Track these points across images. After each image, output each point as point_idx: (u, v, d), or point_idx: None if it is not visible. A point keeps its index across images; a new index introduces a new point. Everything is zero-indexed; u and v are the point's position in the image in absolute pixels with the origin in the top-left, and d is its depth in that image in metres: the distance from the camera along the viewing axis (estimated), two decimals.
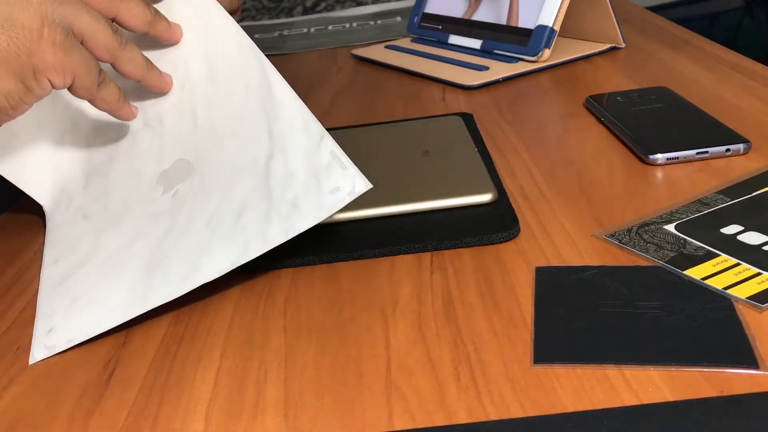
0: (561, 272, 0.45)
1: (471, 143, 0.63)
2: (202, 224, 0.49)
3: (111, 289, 0.47)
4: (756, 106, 0.66)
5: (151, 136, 0.56)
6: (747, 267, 0.42)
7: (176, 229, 0.50)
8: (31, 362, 0.43)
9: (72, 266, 0.50)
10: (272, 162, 0.51)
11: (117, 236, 0.51)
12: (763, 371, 0.35)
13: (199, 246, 0.48)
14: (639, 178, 0.56)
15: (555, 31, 0.85)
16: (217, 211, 0.50)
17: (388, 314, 0.43)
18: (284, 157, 0.50)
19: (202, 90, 0.56)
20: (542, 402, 0.35)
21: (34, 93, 0.47)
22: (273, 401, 0.38)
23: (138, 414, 0.38)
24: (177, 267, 0.47)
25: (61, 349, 0.44)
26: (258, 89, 0.54)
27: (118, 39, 0.50)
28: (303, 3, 2.21)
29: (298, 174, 0.49)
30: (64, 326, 0.45)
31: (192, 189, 0.52)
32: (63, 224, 0.54)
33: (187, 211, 0.51)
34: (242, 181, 0.51)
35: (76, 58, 0.47)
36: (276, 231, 0.47)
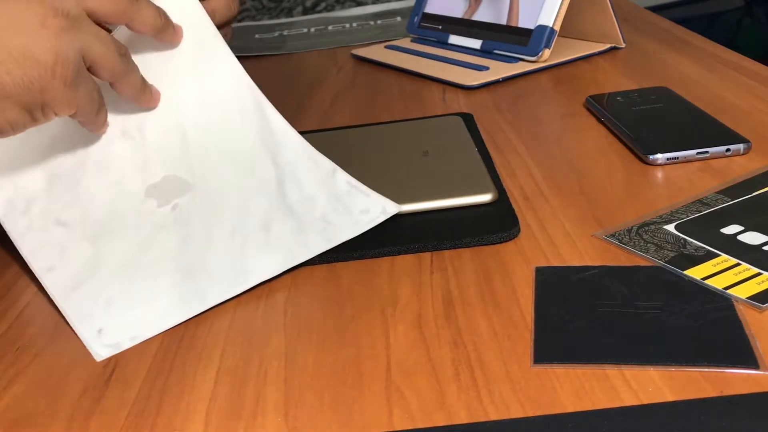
0: (561, 272, 0.45)
1: (471, 143, 0.63)
2: (225, 234, 0.50)
3: (150, 291, 0.48)
4: (756, 106, 0.66)
5: (132, 146, 0.55)
6: (747, 267, 0.42)
7: (194, 238, 0.51)
8: (99, 359, 0.43)
9: (76, 273, 0.49)
10: (285, 186, 0.52)
11: (119, 244, 0.51)
12: (763, 371, 0.35)
13: (236, 252, 0.49)
14: (639, 178, 0.56)
15: (555, 31, 0.85)
16: (239, 223, 0.51)
17: (388, 314, 0.43)
18: (297, 184, 0.53)
19: (191, 110, 0.56)
20: (542, 402, 0.35)
21: (37, 121, 0.47)
22: (273, 401, 0.38)
23: (138, 414, 0.38)
24: (222, 270, 0.48)
25: (126, 347, 0.44)
26: (254, 119, 0.55)
27: (124, 64, 0.51)
28: (303, 3, 2.20)
29: (319, 198, 0.51)
30: (115, 327, 0.45)
31: (194, 204, 0.53)
32: (32, 230, 0.52)
33: (197, 222, 0.52)
34: (256, 201, 0.52)
35: (82, 93, 0.48)
36: (317, 240, 0.49)
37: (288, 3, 2.36)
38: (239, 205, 0.52)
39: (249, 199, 0.53)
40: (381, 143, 0.65)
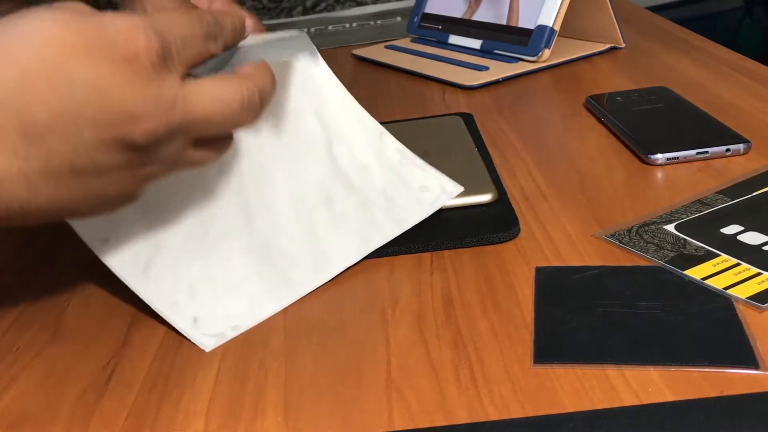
0: (561, 272, 0.45)
1: (471, 143, 0.63)
2: (287, 207, 0.49)
3: (231, 276, 0.46)
4: (756, 106, 0.66)
5: None
6: (747, 267, 0.42)
7: (255, 210, 0.49)
8: (208, 350, 0.43)
9: (139, 249, 0.46)
10: (333, 148, 0.50)
11: (173, 213, 0.48)
12: (763, 371, 0.35)
13: (307, 231, 0.48)
14: (639, 178, 0.56)
15: (555, 31, 0.85)
16: (297, 193, 0.49)
17: (388, 314, 0.43)
18: (346, 147, 0.51)
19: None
20: (542, 402, 0.35)
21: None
22: (273, 401, 0.38)
23: (138, 414, 0.38)
24: (299, 252, 0.48)
25: (231, 337, 0.43)
26: (294, 63, 0.53)
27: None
28: (303, 3, 2.20)
29: (373, 167, 0.49)
30: (210, 316, 0.45)
31: (241, 166, 0.50)
32: None
33: (252, 190, 0.49)
34: (308, 167, 0.50)
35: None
36: (385, 221, 0.48)
37: (288, 3, 2.36)
38: (289, 170, 0.50)
39: (298, 163, 0.50)
40: None
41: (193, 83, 0.39)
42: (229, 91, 0.40)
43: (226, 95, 0.40)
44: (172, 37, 0.38)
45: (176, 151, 0.40)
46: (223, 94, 0.40)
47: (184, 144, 0.40)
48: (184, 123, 0.38)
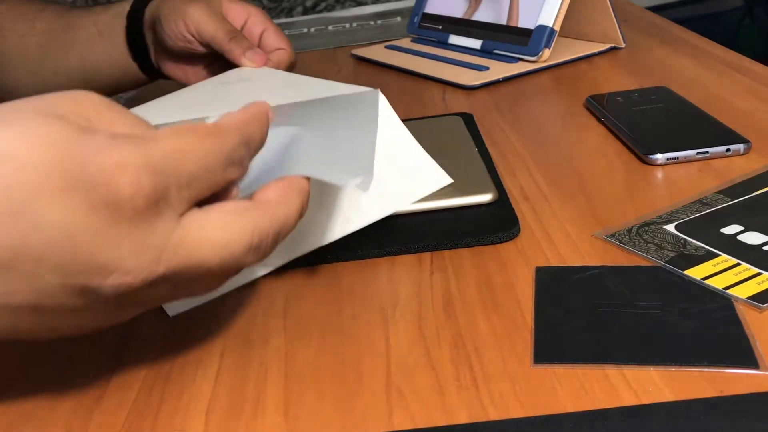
0: (561, 272, 0.45)
1: (471, 143, 0.63)
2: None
3: None
4: (756, 106, 0.66)
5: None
6: (747, 267, 0.42)
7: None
8: (171, 314, 0.41)
9: None
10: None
11: None
12: (763, 371, 0.35)
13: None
14: (639, 178, 0.56)
15: (555, 31, 0.85)
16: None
17: (388, 314, 0.43)
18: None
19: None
20: (542, 402, 0.35)
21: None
22: (273, 401, 0.38)
23: (138, 414, 0.38)
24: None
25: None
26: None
27: None
28: (303, 3, 2.20)
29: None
30: None
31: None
32: None
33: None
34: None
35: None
36: (369, 203, 0.48)
37: (288, 3, 2.36)
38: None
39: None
40: None
41: (193, 222, 0.33)
42: (235, 237, 0.34)
43: (230, 241, 0.34)
44: (175, 175, 0.33)
45: (161, 293, 0.35)
46: (227, 239, 0.34)
47: (168, 290, 0.35)
48: (171, 273, 0.33)
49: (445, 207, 0.53)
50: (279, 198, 0.36)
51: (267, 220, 0.35)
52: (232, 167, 0.35)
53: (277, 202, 0.36)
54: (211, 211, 0.34)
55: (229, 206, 0.35)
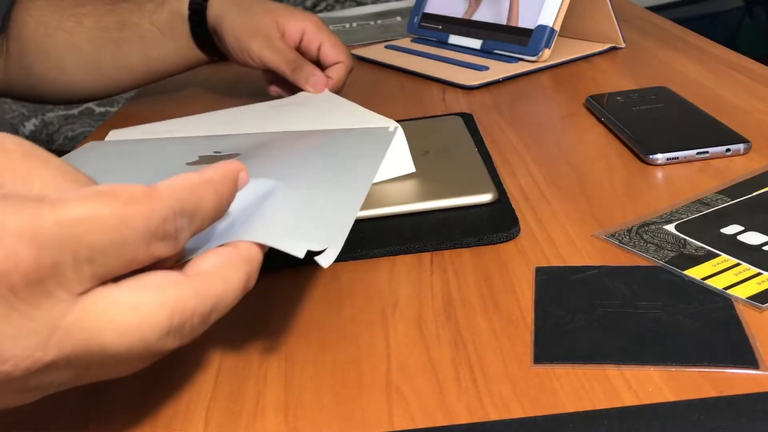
0: (561, 272, 0.45)
1: (471, 143, 0.63)
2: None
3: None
4: (756, 106, 0.66)
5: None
6: (747, 267, 0.42)
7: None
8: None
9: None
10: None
11: None
12: (763, 371, 0.35)
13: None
14: (639, 178, 0.56)
15: (555, 31, 0.85)
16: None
17: (388, 314, 0.43)
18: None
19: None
20: (542, 402, 0.35)
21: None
22: (273, 401, 0.38)
23: (138, 414, 0.38)
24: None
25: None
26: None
27: None
28: (303, 3, 2.20)
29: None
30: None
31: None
32: None
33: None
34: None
35: None
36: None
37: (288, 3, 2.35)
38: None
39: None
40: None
41: (96, 300, 0.28)
42: (148, 320, 0.29)
43: (141, 324, 0.29)
44: (72, 249, 0.27)
45: (64, 380, 0.30)
46: (137, 323, 0.29)
47: (76, 374, 0.30)
48: (66, 359, 0.28)
49: (445, 207, 0.53)
50: (216, 270, 0.32)
51: (193, 298, 0.30)
52: (160, 242, 0.29)
53: (213, 276, 0.31)
54: (123, 287, 0.29)
55: (148, 280, 0.29)
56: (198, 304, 0.30)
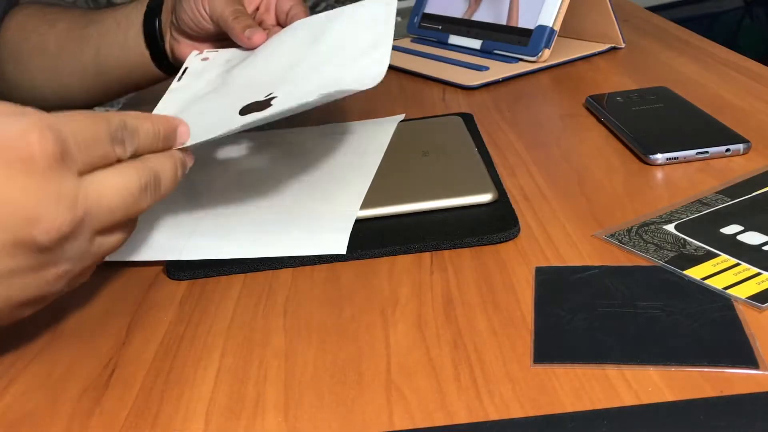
0: (561, 272, 0.45)
1: (471, 143, 0.63)
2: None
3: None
4: (756, 106, 0.66)
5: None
6: (747, 267, 0.42)
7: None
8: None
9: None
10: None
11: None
12: (763, 371, 0.35)
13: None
14: (639, 178, 0.56)
15: (555, 31, 0.85)
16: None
17: (388, 314, 0.43)
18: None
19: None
20: (542, 402, 0.35)
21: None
22: (273, 401, 0.38)
23: (138, 414, 0.38)
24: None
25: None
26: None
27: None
28: None
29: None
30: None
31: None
32: None
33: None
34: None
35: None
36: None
37: None
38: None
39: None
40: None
41: (92, 176, 0.39)
42: (128, 179, 0.41)
43: (125, 183, 0.41)
44: (72, 135, 0.38)
45: (83, 245, 0.40)
46: (122, 182, 0.41)
47: (90, 237, 0.40)
48: (88, 217, 0.39)
49: (445, 207, 0.53)
50: (156, 156, 0.44)
51: (148, 167, 0.43)
52: (117, 144, 0.41)
53: (156, 157, 0.44)
54: (101, 171, 0.40)
55: (115, 166, 0.41)
56: (151, 170, 0.43)
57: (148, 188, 0.42)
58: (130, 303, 0.48)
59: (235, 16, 0.71)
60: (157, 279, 0.50)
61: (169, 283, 0.50)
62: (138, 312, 0.47)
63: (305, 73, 0.58)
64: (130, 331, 0.45)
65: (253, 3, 0.76)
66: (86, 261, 0.41)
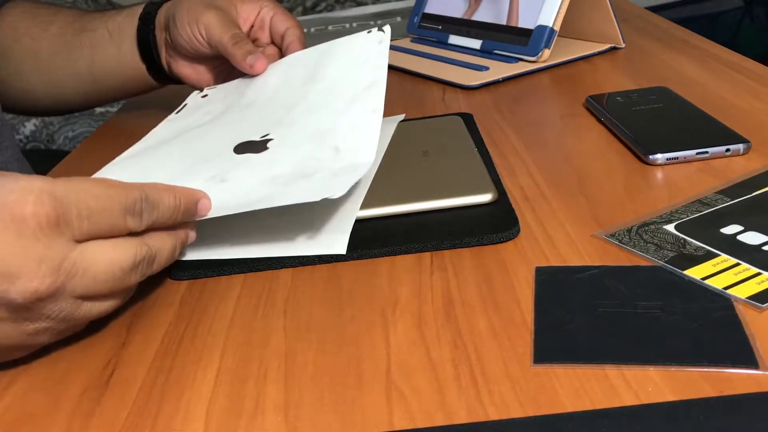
0: (561, 272, 0.45)
1: (471, 143, 0.63)
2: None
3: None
4: (756, 106, 0.66)
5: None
6: (747, 267, 0.42)
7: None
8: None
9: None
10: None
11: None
12: (763, 371, 0.35)
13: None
14: (639, 178, 0.56)
15: (555, 31, 0.85)
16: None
17: (388, 314, 0.43)
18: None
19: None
20: (542, 402, 0.35)
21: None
22: (273, 401, 0.38)
23: (138, 414, 0.38)
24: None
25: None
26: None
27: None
28: (303, 3, 2.20)
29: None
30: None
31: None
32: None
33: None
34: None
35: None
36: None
37: (288, 3, 2.35)
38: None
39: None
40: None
41: (87, 245, 0.40)
42: (122, 254, 0.42)
43: (118, 258, 0.41)
44: (76, 205, 0.39)
45: (67, 307, 0.40)
46: (115, 257, 0.41)
47: (73, 301, 0.41)
48: (70, 283, 0.39)
49: (445, 207, 0.53)
50: (160, 234, 0.45)
51: (147, 245, 0.43)
52: (131, 217, 0.42)
53: (159, 234, 0.45)
54: (99, 242, 0.41)
55: (121, 237, 0.42)
56: (150, 248, 0.43)
57: (140, 266, 0.43)
58: (130, 303, 0.48)
59: (235, 42, 0.71)
60: (157, 279, 0.50)
61: (169, 283, 0.50)
62: (138, 312, 0.47)
63: (301, 117, 0.61)
64: (130, 331, 0.45)
65: (248, 21, 0.76)
66: (72, 321, 0.42)
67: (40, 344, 0.42)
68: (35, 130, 1.90)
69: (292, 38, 0.73)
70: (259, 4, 0.76)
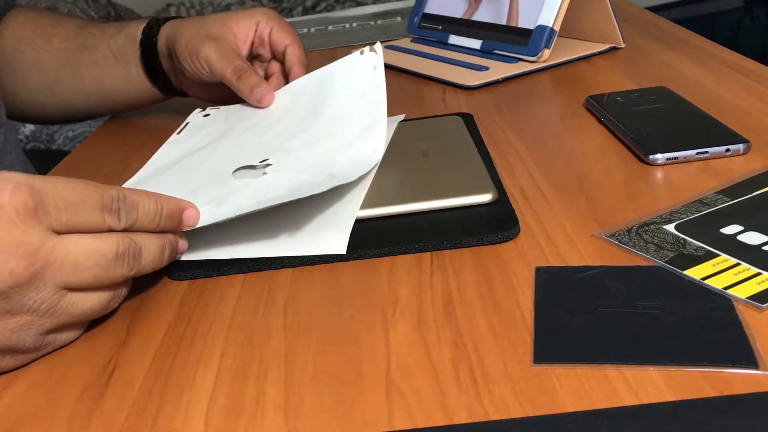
0: (561, 272, 0.45)
1: (471, 143, 0.63)
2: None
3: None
4: (756, 107, 0.66)
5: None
6: (747, 267, 0.42)
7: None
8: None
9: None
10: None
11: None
12: (763, 371, 0.35)
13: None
14: (639, 178, 0.56)
15: (555, 31, 0.85)
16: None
17: (388, 314, 0.43)
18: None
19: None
20: (542, 402, 0.35)
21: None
22: (273, 401, 0.38)
23: (138, 414, 0.38)
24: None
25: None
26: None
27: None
28: (303, 3, 2.20)
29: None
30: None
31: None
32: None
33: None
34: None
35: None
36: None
37: (288, 3, 2.36)
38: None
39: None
40: None
41: (67, 236, 0.41)
42: (103, 244, 0.42)
43: (99, 246, 0.42)
44: (54, 196, 0.40)
45: (48, 298, 0.40)
46: (96, 245, 0.41)
47: (55, 291, 0.40)
48: (50, 270, 0.40)
49: (445, 207, 0.53)
50: (145, 234, 0.45)
51: (131, 238, 0.43)
52: (109, 213, 0.42)
53: (145, 234, 0.45)
54: (81, 234, 0.41)
55: (97, 234, 0.42)
56: (133, 241, 0.43)
57: (125, 257, 0.43)
58: (130, 303, 0.48)
59: (238, 76, 0.72)
60: (157, 279, 0.50)
61: (169, 283, 0.50)
62: (138, 312, 0.47)
63: (300, 146, 0.62)
64: (130, 331, 0.45)
65: (247, 40, 0.76)
66: (58, 317, 0.42)
67: (26, 346, 0.41)
68: (35, 130, 1.90)
69: (293, 61, 0.74)
70: (254, 20, 0.76)
